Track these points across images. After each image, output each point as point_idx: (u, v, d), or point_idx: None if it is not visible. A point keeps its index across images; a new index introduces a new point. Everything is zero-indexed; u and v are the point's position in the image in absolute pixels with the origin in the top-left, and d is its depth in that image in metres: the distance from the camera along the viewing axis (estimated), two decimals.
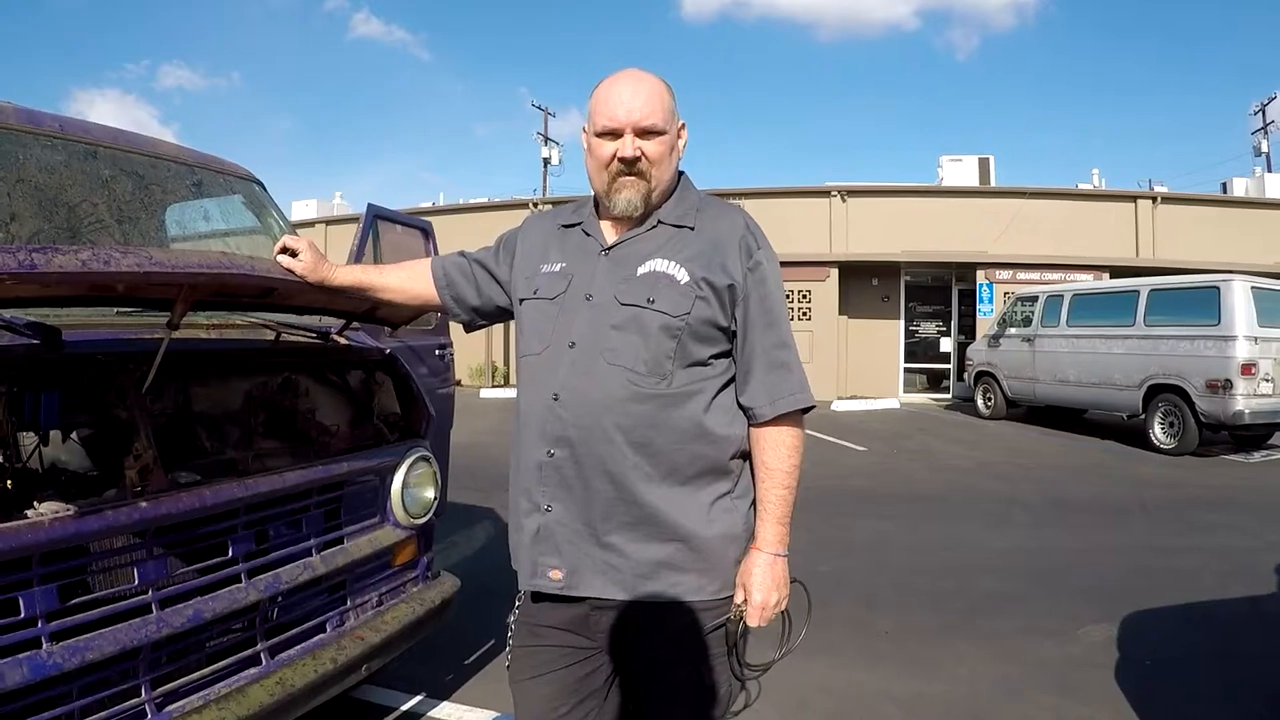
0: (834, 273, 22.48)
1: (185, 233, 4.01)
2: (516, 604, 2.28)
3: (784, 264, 2.25)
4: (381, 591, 3.51)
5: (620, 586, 2.08)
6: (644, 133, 2.11)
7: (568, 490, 2.10)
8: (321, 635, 3.13)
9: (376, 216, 4.56)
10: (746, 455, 2.18)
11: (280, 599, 2.98)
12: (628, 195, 2.13)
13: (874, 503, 9.39)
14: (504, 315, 2.46)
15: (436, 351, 5.34)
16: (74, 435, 2.68)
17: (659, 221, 2.18)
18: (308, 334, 3.43)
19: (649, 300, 2.07)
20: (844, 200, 23.13)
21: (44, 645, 2.26)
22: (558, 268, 2.24)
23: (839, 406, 20.02)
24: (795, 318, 21.94)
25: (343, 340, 3.51)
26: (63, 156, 3.35)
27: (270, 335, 3.27)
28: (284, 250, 2.46)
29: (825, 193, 23.40)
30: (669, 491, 2.06)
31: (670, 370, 2.06)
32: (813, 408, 2.17)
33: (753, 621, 2.12)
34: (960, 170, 24.33)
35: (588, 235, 2.25)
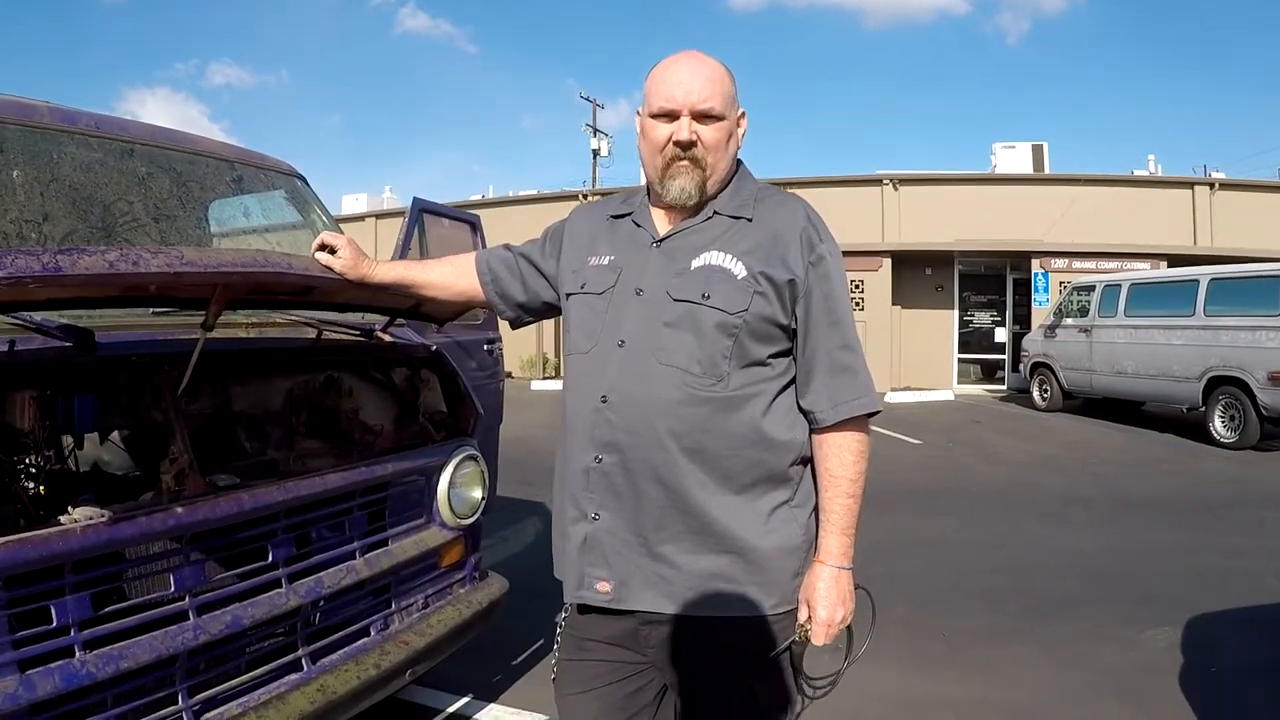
0: (886, 262, 22.11)
1: (226, 229, 3.97)
2: (564, 612, 2.17)
3: None
4: (427, 594, 3.43)
5: (671, 600, 1.97)
6: (701, 116, 1.99)
7: (617, 498, 1.99)
8: (366, 640, 3.06)
9: (422, 210, 4.49)
10: (807, 461, 2.06)
11: (322, 603, 2.91)
12: (682, 183, 2.02)
13: (929, 498, 9.21)
14: (551, 311, 2.35)
15: (485, 347, 5.26)
16: (114, 438, 2.63)
17: (715, 212, 2.06)
18: (350, 331, 3.36)
19: (704, 295, 1.95)
20: (896, 189, 22.82)
21: (76, 654, 2.21)
22: (606, 261, 2.13)
23: (892, 398, 19.71)
24: None
25: (387, 337, 3.44)
26: (99, 155, 3.30)
27: (311, 333, 3.21)
28: (323, 247, 2.38)
29: (877, 181, 23.10)
30: (724, 500, 1.94)
31: (727, 371, 1.94)
32: (878, 413, 2.04)
33: (818, 640, 2.01)
34: (1013, 157, 23.88)
35: (638, 226, 2.14)
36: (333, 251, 2.36)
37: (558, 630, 2.19)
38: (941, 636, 5.11)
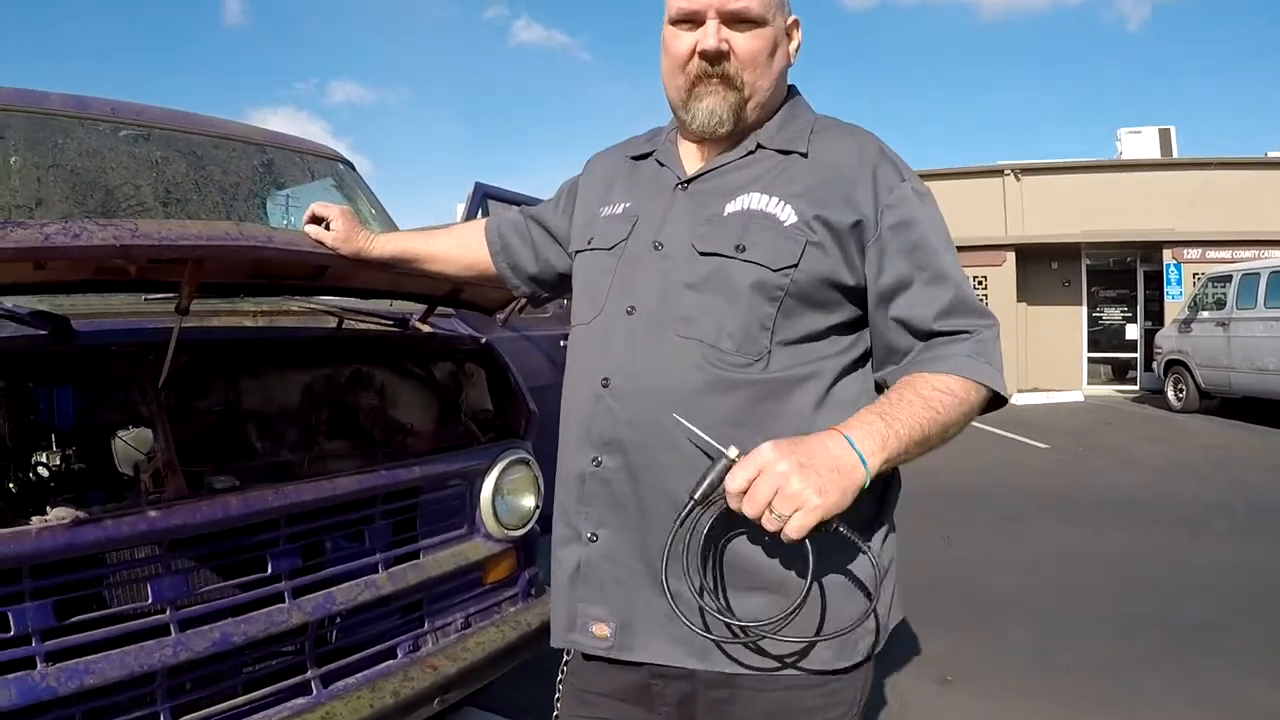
0: (1010, 257, 21.02)
1: (267, 217, 3.78)
2: (566, 658, 1.78)
3: (957, 248, 1.65)
4: (469, 612, 3.11)
5: (688, 650, 1.53)
6: (734, 20, 1.56)
7: (619, 513, 1.57)
8: (389, 663, 2.76)
9: (485, 195, 4.25)
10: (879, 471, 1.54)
11: (338, 620, 2.63)
12: (710, 104, 1.59)
13: (1057, 507, 8.51)
14: (570, 284, 1.91)
15: (561, 343, 4.93)
16: (127, 435, 2.40)
17: (758, 145, 1.63)
18: (381, 321, 3.09)
19: (738, 247, 1.52)
20: (1018, 179, 21.70)
21: (37, 665, 2.00)
22: (620, 209, 1.73)
23: (1019, 399, 18.60)
24: None
25: (425, 328, 3.16)
26: (109, 140, 3.16)
27: (332, 323, 2.95)
28: (314, 220, 2.10)
29: (998, 172, 21.99)
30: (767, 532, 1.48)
31: (767, 347, 1.50)
32: (1003, 402, 1.57)
33: (732, 484, 1.34)
34: (1140, 143, 22.54)
35: (662, 166, 1.73)
36: (327, 225, 2.07)
37: (558, 681, 1.79)
38: (1067, 669, 4.56)
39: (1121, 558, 6.68)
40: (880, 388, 1.58)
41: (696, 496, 1.41)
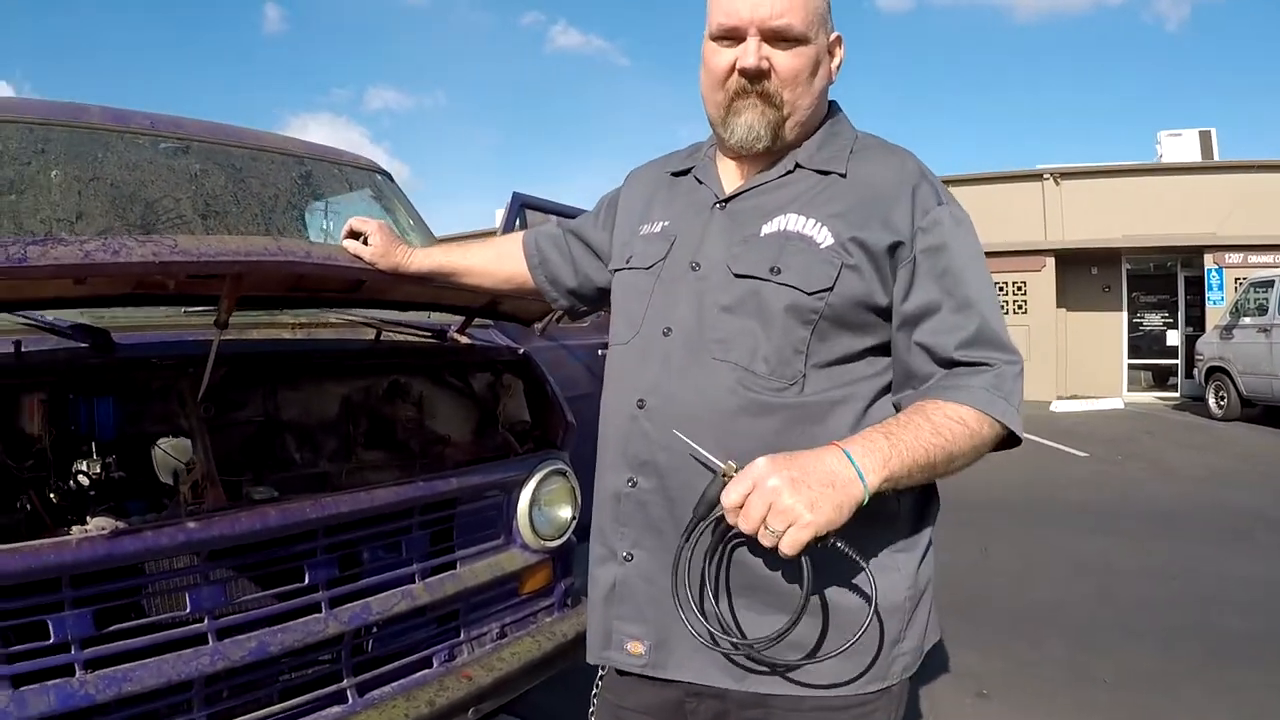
0: (1050, 262, 20.76)
1: (306, 229, 3.81)
2: (600, 675, 1.79)
3: (996, 254, 1.64)
4: (505, 622, 3.11)
5: (724, 670, 1.55)
6: (775, 37, 1.54)
7: (654, 534, 1.59)
8: (425, 672, 2.76)
9: (523, 205, 4.25)
10: (915, 490, 1.55)
11: (374, 630, 2.64)
12: (749, 119, 1.58)
13: (1097, 517, 8.40)
14: (609, 298, 1.91)
15: (600, 352, 4.92)
16: (166, 444, 2.44)
17: (797, 164, 1.62)
18: (419, 332, 3.10)
19: (773, 270, 1.52)
20: (1057, 183, 21.48)
21: (76, 673, 2.02)
22: (658, 228, 1.73)
23: (1058, 407, 18.50)
24: (1010, 311, 20.52)
25: (463, 339, 3.17)
26: (148, 153, 3.19)
27: (370, 334, 2.97)
28: (352, 234, 2.12)
29: (1037, 176, 21.79)
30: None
31: (801, 370, 1.50)
32: (1016, 443, 1.53)
33: (727, 499, 1.35)
34: (1180, 145, 22.13)
35: (700, 183, 1.72)
36: (365, 240, 2.09)
37: (593, 695, 1.81)
38: (1104, 683, 4.50)
39: (1162, 569, 6.59)
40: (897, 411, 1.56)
41: (697, 512, 1.43)
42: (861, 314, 1.53)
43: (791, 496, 1.30)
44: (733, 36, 1.57)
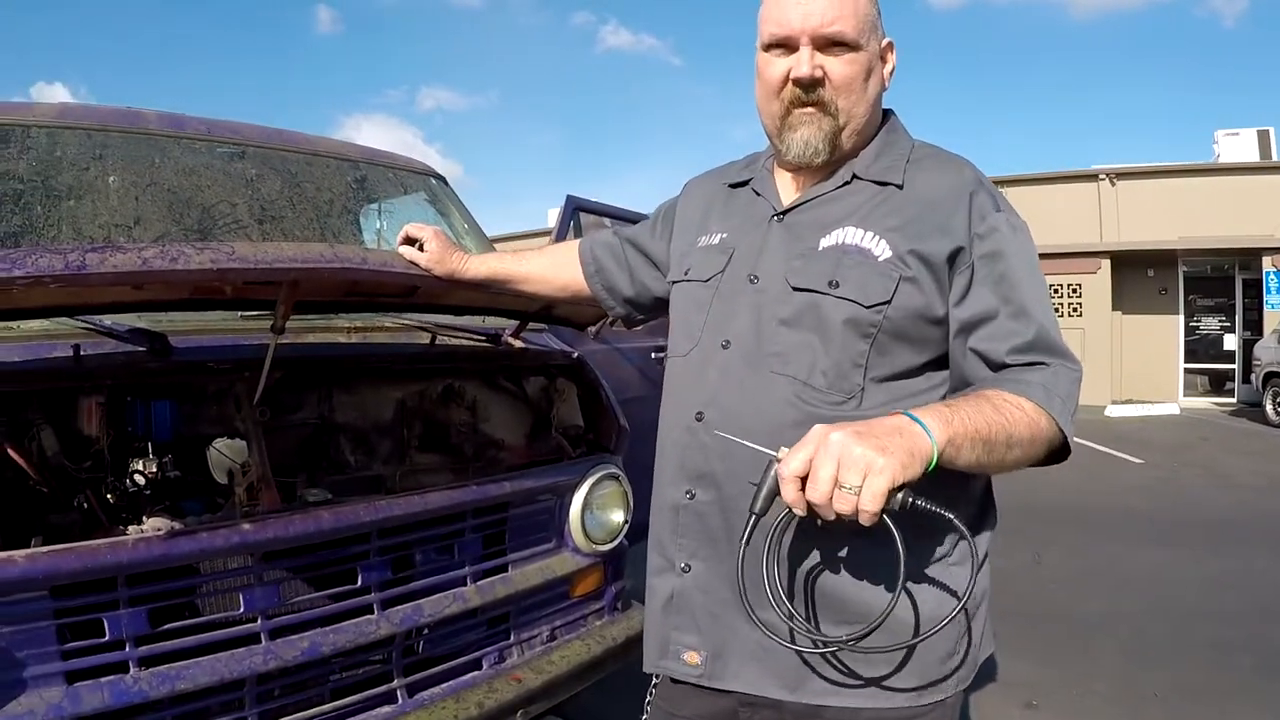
0: (1105, 264, 20.37)
1: (361, 233, 3.85)
2: (654, 683, 1.80)
3: (1050, 255, 1.61)
4: (555, 625, 3.12)
5: (779, 681, 1.55)
6: (827, 44, 1.54)
7: (712, 545, 1.60)
8: (475, 674, 2.78)
9: (577, 208, 4.26)
10: (974, 502, 1.60)
11: (425, 631, 2.66)
12: (805, 134, 1.58)
13: (1151, 526, 8.23)
14: (666, 308, 1.92)
15: (653, 355, 4.92)
16: (218, 447, 2.47)
17: (854, 176, 1.61)
18: (473, 336, 3.12)
19: (831, 283, 1.51)
20: (1113, 184, 21.02)
21: (130, 670, 2.06)
22: (716, 240, 1.73)
23: (1113, 412, 18.16)
24: (1064, 314, 20.22)
25: (517, 343, 3.19)
26: (205, 158, 3.24)
27: (425, 339, 3.01)
28: (408, 240, 2.14)
29: (1092, 176, 21.35)
30: (854, 554, 1.50)
31: (860, 384, 1.50)
32: (1066, 453, 1.50)
33: (789, 468, 1.27)
34: (1237, 145, 21.51)
35: (758, 195, 1.72)
36: (420, 246, 2.11)
37: (646, 701, 1.82)
38: (1155, 697, 4.40)
39: (1216, 580, 6.44)
40: None
41: (756, 508, 1.38)
42: (920, 326, 1.52)
43: (860, 445, 1.23)
44: (785, 45, 1.57)
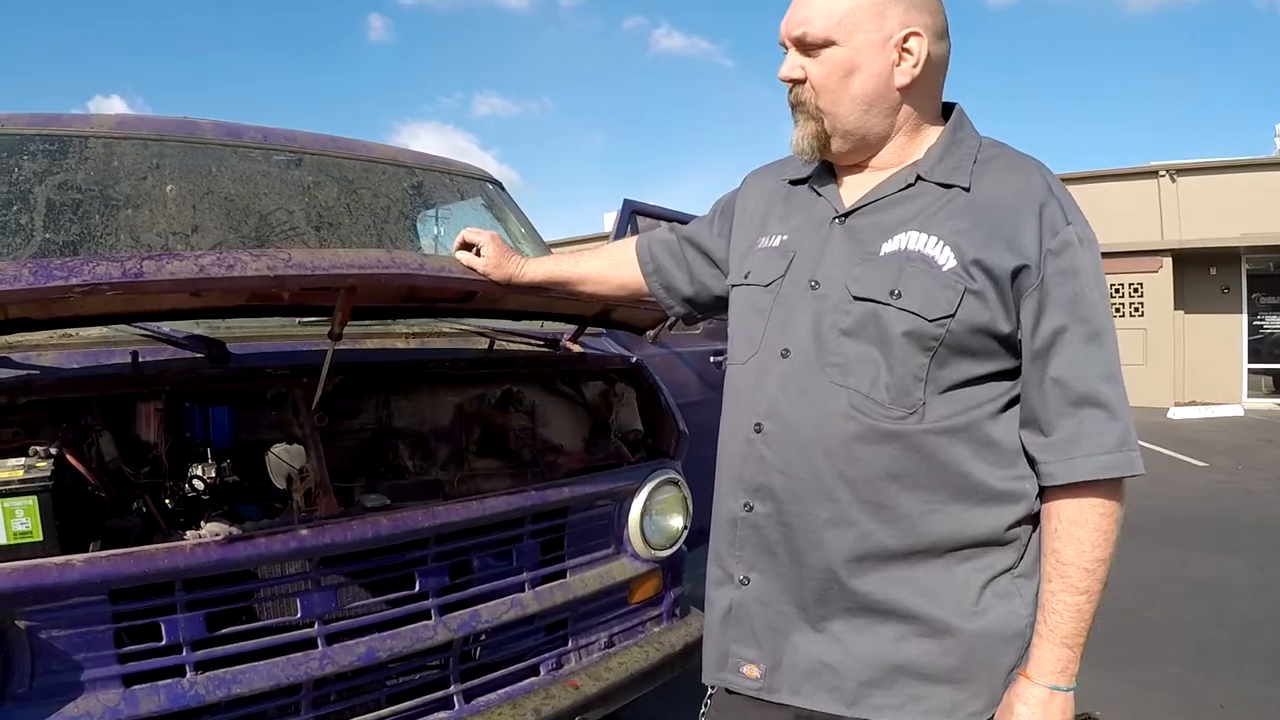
0: (1167, 262, 19.79)
1: (418, 239, 3.87)
2: (709, 693, 1.76)
3: (1110, 254, 1.55)
4: (613, 631, 3.09)
5: (838, 696, 1.52)
6: (800, 45, 1.54)
7: (770, 558, 1.57)
8: (532, 680, 2.76)
9: (634, 212, 4.24)
10: (1038, 518, 1.53)
11: (483, 637, 2.65)
12: (795, 134, 1.62)
13: (1215, 531, 7.96)
14: (726, 306, 1.88)
15: (712, 359, 4.87)
16: (276, 452, 2.49)
17: (919, 177, 1.55)
18: (532, 341, 3.12)
19: (893, 293, 1.47)
20: (1174, 180, 20.36)
21: (186, 674, 2.08)
22: (777, 242, 1.69)
23: (1175, 414, 17.60)
24: (1125, 314, 19.78)
25: (575, 347, 3.17)
26: (261, 166, 3.27)
27: (483, 344, 3.00)
28: (464, 246, 2.14)
29: (1153, 173, 20.70)
30: (917, 569, 1.47)
31: (921, 398, 1.46)
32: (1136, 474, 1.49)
33: None
34: None
35: (818, 195, 1.67)
36: (478, 252, 2.10)
37: (701, 711, 1.79)
38: (1220, 709, 4.25)
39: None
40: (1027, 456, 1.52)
41: None
42: (983, 340, 1.47)
43: None
44: (784, 48, 1.60)
